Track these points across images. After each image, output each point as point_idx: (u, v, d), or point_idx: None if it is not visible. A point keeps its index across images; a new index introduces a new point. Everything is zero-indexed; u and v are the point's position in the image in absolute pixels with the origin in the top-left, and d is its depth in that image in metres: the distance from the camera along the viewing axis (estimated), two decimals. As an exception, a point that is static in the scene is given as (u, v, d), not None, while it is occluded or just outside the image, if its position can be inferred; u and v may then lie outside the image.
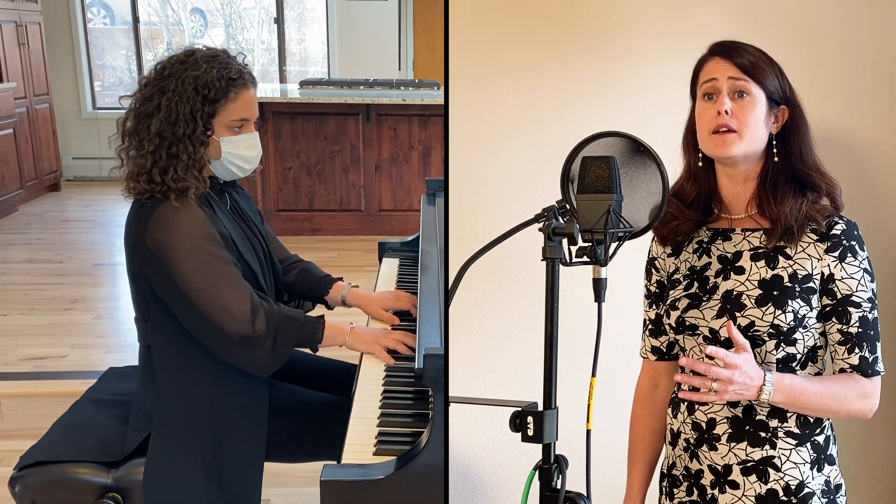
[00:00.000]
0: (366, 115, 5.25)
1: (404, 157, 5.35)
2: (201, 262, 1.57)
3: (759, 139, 1.26)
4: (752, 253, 1.28)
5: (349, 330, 1.74)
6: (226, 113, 1.64)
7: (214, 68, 1.62)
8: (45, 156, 6.55)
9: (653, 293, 1.42)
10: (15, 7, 6.15)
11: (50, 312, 3.87)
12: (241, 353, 1.61)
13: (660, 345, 1.43)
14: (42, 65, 6.58)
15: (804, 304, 1.23)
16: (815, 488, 1.26)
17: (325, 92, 5.52)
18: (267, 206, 5.33)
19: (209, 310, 1.57)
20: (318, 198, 5.38)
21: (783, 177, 1.26)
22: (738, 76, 1.24)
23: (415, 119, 5.28)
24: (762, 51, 1.27)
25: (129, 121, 1.66)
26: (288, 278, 1.97)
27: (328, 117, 5.26)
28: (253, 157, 1.72)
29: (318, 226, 5.41)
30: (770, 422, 1.26)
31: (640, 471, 1.46)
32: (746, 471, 1.27)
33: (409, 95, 5.39)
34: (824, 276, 1.24)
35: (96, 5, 7.74)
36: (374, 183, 5.37)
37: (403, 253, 2.53)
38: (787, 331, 1.23)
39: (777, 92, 1.26)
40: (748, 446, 1.27)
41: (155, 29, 7.92)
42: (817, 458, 1.27)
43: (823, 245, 1.24)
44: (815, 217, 1.24)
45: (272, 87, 6.85)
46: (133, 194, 1.64)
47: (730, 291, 1.27)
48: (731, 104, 1.24)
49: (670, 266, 1.38)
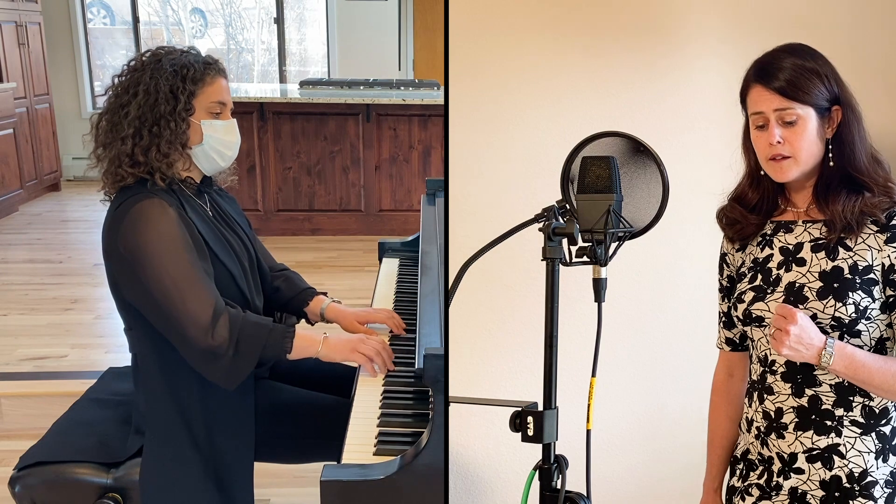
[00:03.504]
0: (366, 115, 5.25)
1: (404, 157, 5.35)
2: (166, 264, 1.53)
3: (816, 154, 1.27)
4: (813, 244, 1.30)
5: (322, 339, 1.65)
6: (205, 95, 1.64)
7: (189, 55, 1.66)
8: (45, 156, 6.55)
9: (725, 287, 1.45)
10: (15, 7, 6.15)
11: (50, 312, 3.87)
12: (204, 365, 1.57)
13: (733, 336, 1.45)
14: (42, 65, 6.58)
15: (866, 296, 1.24)
16: (879, 478, 1.27)
17: (325, 92, 5.51)
18: (267, 206, 5.33)
19: (172, 313, 1.53)
20: (317, 198, 5.38)
21: (835, 180, 1.27)
22: (782, 106, 1.24)
23: (415, 119, 5.28)
24: (801, 56, 1.26)
25: (103, 119, 1.66)
26: (269, 288, 1.90)
27: (328, 117, 5.26)
28: (233, 143, 1.71)
29: (318, 226, 5.41)
30: (836, 411, 1.28)
31: (718, 455, 1.49)
32: (812, 458, 1.29)
33: (409, 95, 5.39)
34: (885, 267, 1.25)
35: (96, 5, 7.74)
36: (374, 183, 5.37)
37: (403, 253, 2.53)
38: (850, 323, 1.24)
39: (824, 98, 1.25)
40: (814, 435, 1.29)
41: (155, 29, 7.92)
42: (882, 447, 1.28)
43: (884, 235, 1.25)
44: (872, 211, 1.25)
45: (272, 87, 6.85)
46: (113, 188, 1.62)
47: (792, 283, 1.29)
48: (781, 132, 1.25)
49: (738, 261, 1.41)
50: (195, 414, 1.64)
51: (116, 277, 1.61)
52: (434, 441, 1.33)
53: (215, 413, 1.65)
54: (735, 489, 1.44)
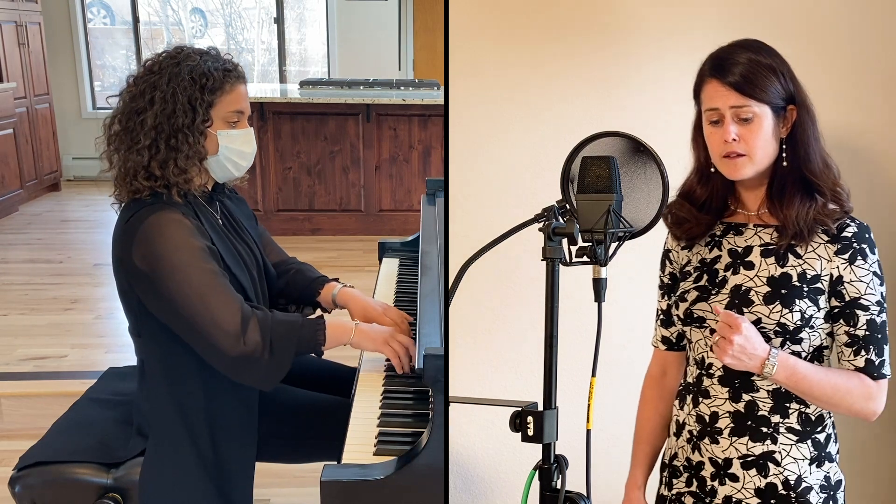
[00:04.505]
0: (366, 115, 5.25)
1: (404, 157, 5.35)
2: (188, 276, 1.51)
3: (770, 154, 1.25)
4: (763, 249, 1.28)
5: (354, 327, 1.64)
6: (223, 104, 1.61)
7: (208, 61, 1.60)
8: (45, 156, 6.55)
9: (666, 284, 1.43)
10: (15, 7, 6.15)
11: (50, 312, 3.87)
12: (240, 372, 1.55)
13: (670, 335, 1.44)
14: (42, 65, 6.58)
15: (812, 304, 1.23)
16: (814, 483, 1.27)
17: (325, 92, 5.51)
18: (267, 206, 5.33)
19: (200, 324, 1.51)
20: (317, 198, 5.38)
21: (791, 181, 1.25)
22: (738, 103, 1.21)
23: (415, 119, 5.28)
24: (758, 52, 1.23)
25: (116, 121, 1.61)
26: (280, 283, 1.90)
27: (328, 117, 5.26)
28: (249, 154, 1.68)
29: (318, 226, 5.41)
30: (772, 417, 1.27)
31: (644, 451, 1.46)
32: (747, 465, 1.28)
33: (409, 95, 5.39)
34: (833, 278, 1.24)
35: (96, 5, 7.74)
36: (374, 183, 5.37)
37: (403, 253, 2.53)
38: (794, 330, 1.23)
39: (780, 96, 1.23)
40: (749, 441, 1.28)
41: (155, 29, 7.92)
42: (818, 455, 1.28)
43: (834, 247, 1.24)
44: (823, 220, 1.23)
45: (272, 87, 6.85)
46: (127, 197, 1.59)
47: (738, 286, 1.28)
48: (736, 129, 1.22)
49: (683, 259, 1.39)
50: (198, 419, 1.63)
51: (132, 287, 1.58)
52: (434, 441, 1.33)
53: (219, 419, 1.65)
54: (664, 498, 1.41)
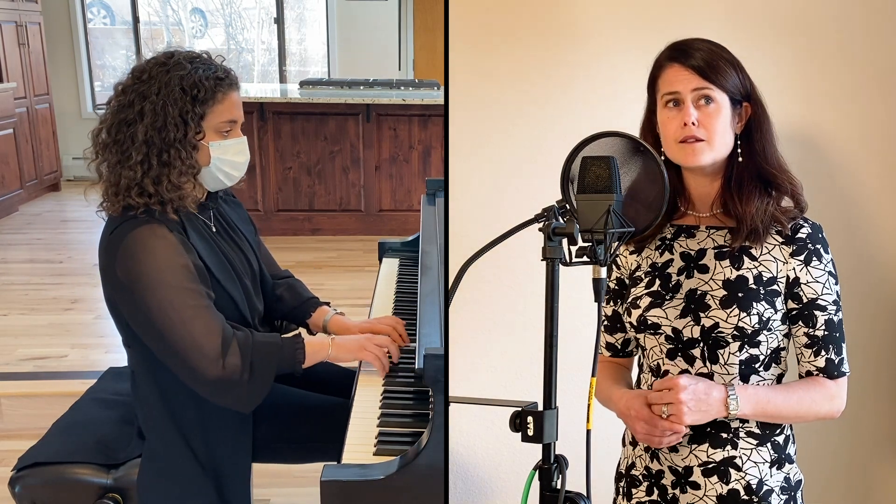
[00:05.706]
0: (366, 115, 5.25)
1: (404, 157, 5.35)
2: (169, 296, 1.47)
3: (727, 144, 1.24)
4: (717, 252, 1.27)
5: (330, 342, 1.66)
6: (215, 115, 1.56)
7: (199, 68, 1.54)
8: (45, 156, 6.55)
9: (611, 290, 1.40)
10: (15, 7, 6.15)
11: (50, 312, 3.87)
12: (217, 395, 1.54)
13: (615, 341, 1.42)
14: (42, 65, 6.58)
15: (769, 307, 1.23)
16: (774, 485, 1.27)
17: (325, 92, 5.51)
18: (267, 206, 5.33)
19: (179, 345, 1.49)
20: (317, 198, 5.38)
21: (748, 177, 1.24)
22: (701, 85, 1.21)
23: (415, 119, 5.28)
24: (717, 45, 1.24)
25: (105, 131, 1.56)
26: (271, 296, 1.88)
27: (328, 117, 5.26)
28: (241, 164, 1.64)
29: (318, 226, 5.41)
30: (731, 423, 1.26)
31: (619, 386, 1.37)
32: (707, 472, 1.27)
33: (409, 95, 5.39)
34: (790, 280, 1.24)
35: (96, 5, 7.74)
36: (374, 183, 5.37)
37: (403, 253, 2.53)
38: (752, 333, 1.22)
39: (738, 89, 1.23)
40: (709, 448, 1.27)
41: (155, 29, 7.92)
42: (777, 457, 1.28)
43: (789, 248, 1.23)
44: (779, 219, 1.23)
45: (272, 87, 6.86)
46: (118, 210, 1.53)
47: (693, 290, 1.26)
48: (696, 114, 1.22)
49: (632, 263, 1.37)
50: (193, 428, 1.63)
51: (115, 299, 1.56)
52: (434, 441, 1.33)
53: (212, 425, 1.64)
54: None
